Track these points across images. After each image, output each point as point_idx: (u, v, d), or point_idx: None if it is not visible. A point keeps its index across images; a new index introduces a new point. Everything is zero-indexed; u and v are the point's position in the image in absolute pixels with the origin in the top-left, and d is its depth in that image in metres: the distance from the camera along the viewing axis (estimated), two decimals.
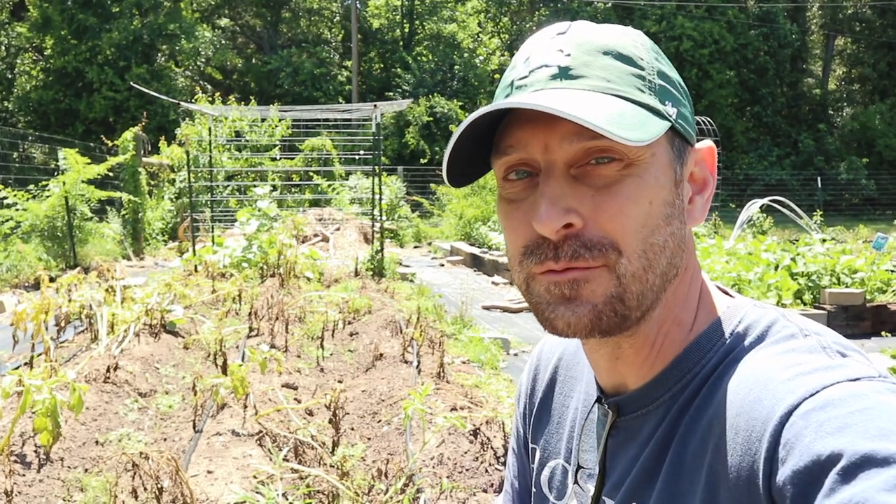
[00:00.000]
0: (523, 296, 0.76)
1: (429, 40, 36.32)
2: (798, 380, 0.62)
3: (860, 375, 0.61)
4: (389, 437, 3.90)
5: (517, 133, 0.71)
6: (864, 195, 30.27)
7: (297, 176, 17.58)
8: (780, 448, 0.58)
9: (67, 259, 11.41)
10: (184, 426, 4.06)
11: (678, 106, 0.74)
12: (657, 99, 0.71)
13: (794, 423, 0.58)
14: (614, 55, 0.71)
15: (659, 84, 0.73)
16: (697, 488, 0.66)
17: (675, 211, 0.72)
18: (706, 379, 0.71)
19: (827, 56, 38.05)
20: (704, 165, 0.78)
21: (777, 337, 0.70)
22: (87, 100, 27.42)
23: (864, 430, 0.54)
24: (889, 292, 7.62)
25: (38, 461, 3.37)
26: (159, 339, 5.71)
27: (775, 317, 0.72)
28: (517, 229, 0.73)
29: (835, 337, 0.68)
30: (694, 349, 0.74)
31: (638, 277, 0.69)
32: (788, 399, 0.60)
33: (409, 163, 27.62)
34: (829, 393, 0.59)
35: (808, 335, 0.68)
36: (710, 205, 0.79)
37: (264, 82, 32.57)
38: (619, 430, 0.79)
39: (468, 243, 15.27)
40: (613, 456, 0.79)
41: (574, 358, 0.94)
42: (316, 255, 10.19)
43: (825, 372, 0.62)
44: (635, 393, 0.77)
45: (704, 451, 0.66)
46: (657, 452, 0.72)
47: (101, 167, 11.95)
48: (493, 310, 8.64)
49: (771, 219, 15.20)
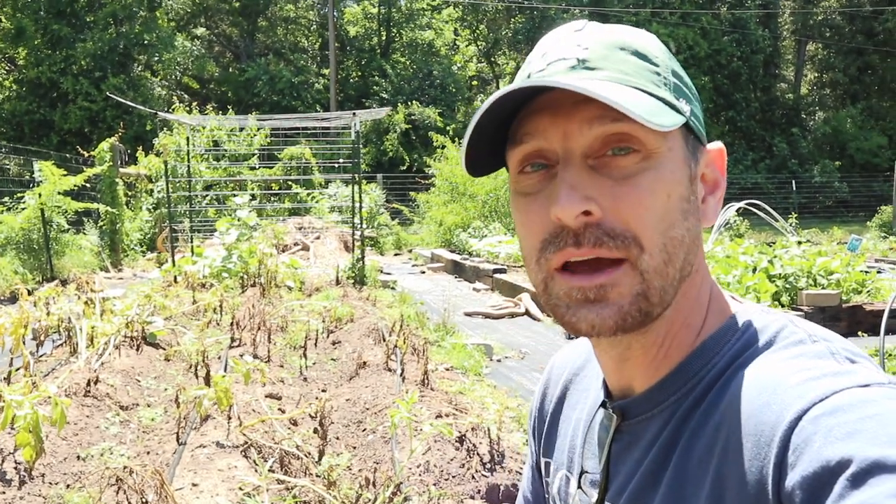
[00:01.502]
0: (540, 296, 0.75)
1: (406, 48, 36.41)
2: (807, 385, 0.61)
3: (870, 381, 0.61)
4: (375, 446, 3.89)
5: (535, 120, 0.70)
6: (837, 197, 30.75)
7: (277, 185, 17.51)
8: (789, 453, 0.58)
9: (44, 271, 11.26)
10: (167, 439, 4.02)
11: (691, 104, 0.74)
12: (672, 95, 0.72)
13: (804, 429, 0.58)
14: (631, 51, 0.71)
15: (674, 82, 0.73)
16: (702, 493, 0.65)
17: (690, 207, 0.72)
18: (713, 383, 0.70)
19: (799, 61, 38.66)
20: (715, 167, 0.78)
21: (785, 342, 0.69)
22: (62, 110, 27.12)
23: (874, 437, 0.54)
24: (864, 293, 7.75)
25: (19, 478, 3.32)
26: (140, 352, 5.65)
27: (784, 322, 0.72)
28: (534, 223, 0.72)
29: (844, 343, 0.68)
30: (700, 353, 0.73)
31: (660, 272, 0.69)
32: (798, 404, 0.60)
33: (389, 170, 27.64)
34: (839, 398, 0.59)
35: (817, 341, 0.68)
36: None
37: (241, 91, 32.43)
38: (623, 434, 0.79)
39: (449, 250, 15.29)
40: (617, 461, 0.79)
41: (584, 371, 0.94)
42: (296, 264, 10.15)
43: (834, 377, 0.62)
44: (640, 397, 0.76)
45: (711, 455, 0.66)
46: (661, 457, 0.72)
47: (77, 178, 11.82)
48: (475, 316, 8.66)
49: (747, 222, 15.40)
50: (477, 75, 39.68)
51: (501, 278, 10.47)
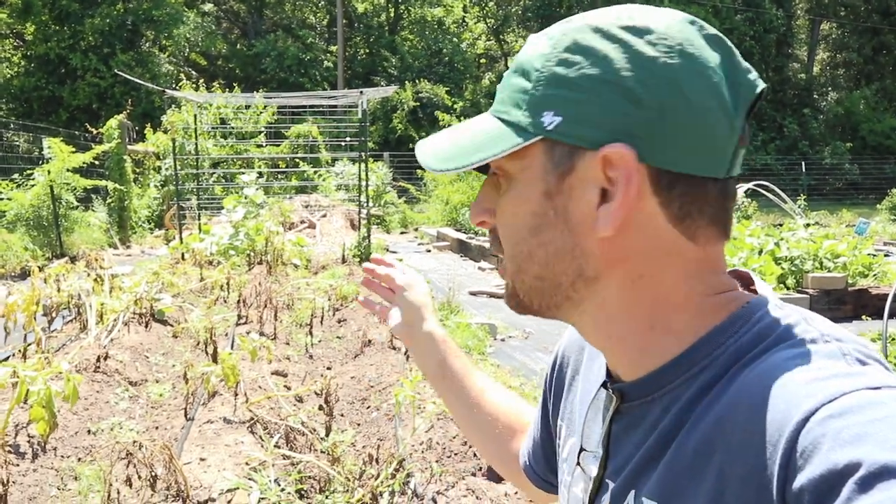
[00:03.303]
0: None
1: (414, 24, 36.14)
2: (815, 385, 0.60)
3: (880, 384, 0.59)
4: (379, 423, 3.96)
5: None
6: (847, 179, 30.53)
7: (284, 163, 17.52)
8: (796, 455, 0.57)
9: (53, 248, 11.35)
10: (175, 414, 4.10)
11: (572, 109, 0.70)
12: (529, 112, 0.71)
13: (811, 430, 0.57)
14: (519, 72, 0.74)
15: (542, 95, 0.71)
16: (700, 485, 0.66)
17: (545, 222, 0.73)
18: (719, 375, 0.70)
19: (812, 41, 38.20)
20: (617, 171, 0.70)
21: (797, 340, 0.68)
22: (70, 87, 27.09)
23: (884, 440, 0.53)
24: (870, 276, 7.74)
25: (32, 451, 3.40)
26: (148, 328, 5.73)
27: (797, 319, 0.70)
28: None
29: (856, 345, 0.67)
30: (705, 342, 0.72)
31: (513, 277, 0.79)
32: (805, 405, 0.59)
33: (396, 148, 27.57)
34: (848, 400, 0.58)
35: (829, 341, 0.66)
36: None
37: (249, 68, 32.33)
38: (623, 415, 0.79)
39: (454, 229, 15.31)
40: (617, 440, 0.80)
41: None
42: (303, 242, 10.20)
43: (844, 379, 0.61)
44: (640, 381, 0.76)
45: (711, 449, 0.66)
46: (661, 443, 0.72)
47: (86, 155, 11.87)
48: (479, 295, 8.70)
49: (755, 203, 15.34)
50: (485, 53, 39.41)
51: None
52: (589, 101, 0.69)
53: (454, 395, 1.20)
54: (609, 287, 0.75)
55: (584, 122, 0.69)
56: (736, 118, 0.69)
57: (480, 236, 13.16)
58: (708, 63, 0.69)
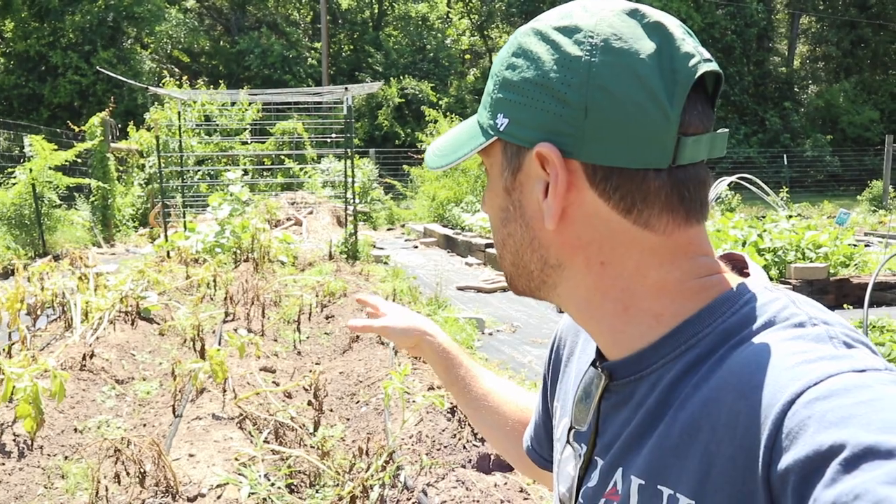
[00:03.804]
0: None
1: (399, 21, 36.04)
2: (802, 367, 0.61)
3: (865, 367, 0.60)
4: (368, 417, 3.96)
5: None
6: (828, 171, 30.81)
7: (269, 160, 17.44)
8: (782, 436, 0.58)
9: (36, 247, 11.25)
10: (163, 411, 4.09)
11: (514, 111, 0.74)
12: (490, 114, 0.78)
13: (797, 412, 0.58)
14: (491, 75, 0.79)
15: (497, 98, 0.77)
16: (686, 464, 0.67)
17: (509, 215, 0.80)
18: (705, 355, 0.71)
19: (792, 35, 38.47)
20: (540, 168, 0.74)
21: (785, 324, 0.68)
22: (51, 84, 26.81)
23: (868, 422, 0.54)
24: (852, 266, 7.84)
25: (18, 450, 3.38)
26: (134, 326, 5.70)
27: (785, 303, 0.71)
28: None
29: (842, 328, 0.68)
30: (694, 322, 0.73)
31: (501, 260, 0.84)
32: (792, 387, 0.60)
33: (382, 145, 27.52)
34: (833, 382, 0.59)
35: (817, 324, 0.68)
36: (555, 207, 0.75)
37: (233, 65, 32.12)
38: (612, 393, 0.80)
39: (441, 225, 15.32)
40: (606, 418, 0.81)
41: None
42: (289, 239, 10.17)
43: (830, 361, 0.61)
44: (628, 359, 0.77)
45: (697, 428, 0.67)
46: (648, 421, 0.73)
47: (68, 153, 11.76)
48: (467, 290, 8.72)
49: (739, 196, 15.44)
50: (470, 49, 39.38)
51: (493, 252, 10.50)
52: (525, 103, 0.74)
53: (464, 399, 1.26)
54: (576, 274, 0.78)
55: (523, 124, 0.74)
56: (671, 108, 0.69)
57: (467, 232, 13.18)
58: (637, 55, 0.70)
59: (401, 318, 1.30)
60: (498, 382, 1.27)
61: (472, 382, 1.25)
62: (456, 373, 1.26)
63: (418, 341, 1.29)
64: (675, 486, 0.68)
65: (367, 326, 1.30)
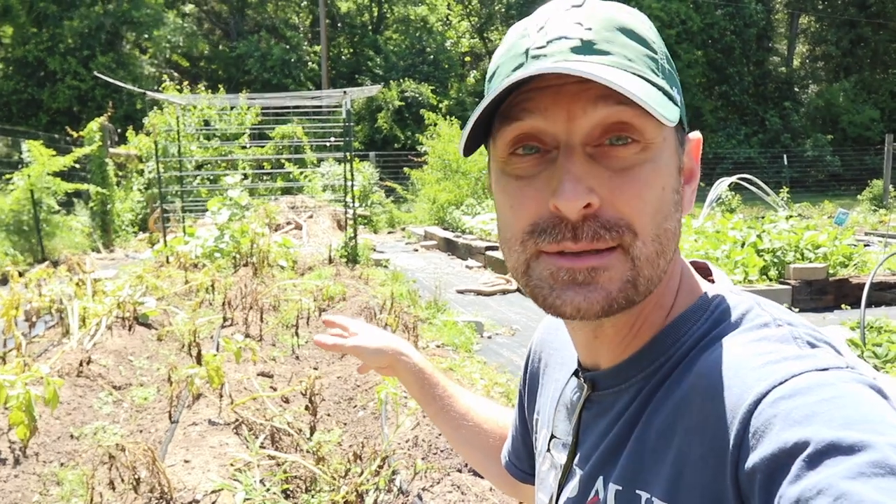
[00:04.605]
0: (518, 277, 0.74)
1: (398, 23, 36.09)
2: (767, 368, 0.63)
3: (828, 365, 0.62)
4: (365, 422, 3.95)
5: (537, 98, 0.68)
6: (829, 171, 30.80)
7: (269, 164, 17.44)
8: (749, 435, 0.59)
9: (35, 253, 11.25)
10: (160, 417, 4.08)
11: (679, 93, 0.73)
12: (667, 83, 0.70)
13: (763, 412, 0.59)
14: (630, 34, 0.69)
15: (668, 69, 0.72)
16: (661, 467, 0.67)
17: (679, 198, 0.72)
18: (679, 361, 0.72)
19: (791, 34, 38.49)
20: (692, 156, 0.77)
21: (750, 325, 0.70)
22: (50, 90, 26.86)
23: (831, 419, 0.55)
24: (851, 266, 7.82)
25: (13, 457, 3.37)
26: (132, 332, 5.69)
27: (750, 305, 0.72)
28: (527, 207, 0.70)
29: (806, 328, 0.69)
30: (670, 332, 0.74)
31: (651, 262, 0.69)
32: (757, 387, 0.61)
33: (382, 148, 27.53)
34: (797, 382, 0.60)
35: (781, 325, 0.69)
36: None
37: (232, 69, 32.16)
38: (594, 403, 0.81)
39: (442, 228, 15.31)
40: (586, 428, 0.81)
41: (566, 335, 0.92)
42: (289, 244, 10.16)
43: (794, 361, 0.63)
44: (611, 370, 0.78)
45: (671, 432, 0.67)
46: (625, 429, 0.74)
47: (66, 159, 11.76)
48: (467, 293, 8.71)
49: (739, 197, 15.43)
50: (470, 51, 39.41)
51: (494, 255, 10.51)
52: (677, 87, 0.74)
53: (441, 418, 1.22)
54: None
55: (684, 107, 0.74)
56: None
57: (468, 235, 13.17)
58: None
59: (372, 339, 1.25)
60: (476, 401, 1.25)
61: (450, 402, 1.23)
62: (432, 392, 1.23)
63: (392, 361, 1.24)
64: (652, 489, 0.68)
65: (336, 345, 1.25)
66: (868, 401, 0.58)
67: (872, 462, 0.51)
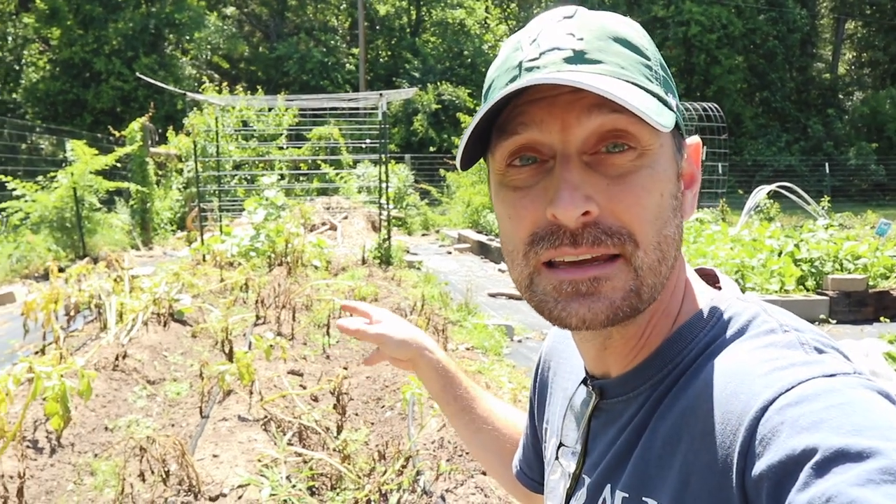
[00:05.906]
0: (522, 291, 0.74)
1: (436, 26, 36.20)
2: (774, 375, 0.62)
3: (835, 371, 0.61)
4: (392, 422, 3.97)
5: (531, 111, 0.68)
6: (873, 180, 30.08)
7: (305, 165, 17.62)
8: (755, 443, 0.59)
9: (76, 249, 11.52)
10: (191, 412, 4.15)
11: (675, 98, 0.73)
12: (662, 89, 0.71)
13: (770, 419, 0.59)
14: (623, 43, 0.70)
15: (663, 76, 0.73)
16: (668, 474, 0.67)
17: (678, 203, 0.72)
18: (686, 369, 0.71)
19: (837, 40, 37.70)
20: (692, 161, 0.77)
21: (757, 331, 0.69)
22: (94, 90, 27.51)
23: (839, 426, 0.55)
24: (892, 278, 7.63)
25: (50, 446, 3.46)
26: (167, 328, 5.80)
27: (756, 311, 0.72)
28: (524, 218, 0.70)
29: (814, 334, 0.68)
30: (677, 339, 0.74)
31: (653, 269, 0.69)
32: (764, 394, 0.61)
33: (418, 151, 27.63)
34: (804, 388, 0.59)
35: (788, 331, 0.68)
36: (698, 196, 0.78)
37: (271, 70, 32.59)
38: (602, 412, 0.81)
39: (475, 231, 15.31)
40: (595, 436, 0.81)
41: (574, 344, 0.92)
42: (323, 244, 10.25)
43: (801, 367, 0.62)
44: (619, 379, 0.78)
45: (677, 439, 0.67)
46: (633, 437, 0.74)
47: (108, 158, 12.03)
48: (498, 297, 8.70)
49: (778, 205, 15.16)
50: None
51: None
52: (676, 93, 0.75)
53: (461, 420, 1.19)
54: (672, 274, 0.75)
55: (681, 112, 0.74)
56: None
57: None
58: None
59: (398, 329, 1.20)
60: (497, 404, 1.23)
61: (471, 403, 1.19)
62: (454, 392, 1.19)
63: (415, 355, 1.19)
64: (658, 496, 0.68)
65: (360, 331, 1.19)
66: (876, 407, 0.57)
67: (881, 469, 0.51)
